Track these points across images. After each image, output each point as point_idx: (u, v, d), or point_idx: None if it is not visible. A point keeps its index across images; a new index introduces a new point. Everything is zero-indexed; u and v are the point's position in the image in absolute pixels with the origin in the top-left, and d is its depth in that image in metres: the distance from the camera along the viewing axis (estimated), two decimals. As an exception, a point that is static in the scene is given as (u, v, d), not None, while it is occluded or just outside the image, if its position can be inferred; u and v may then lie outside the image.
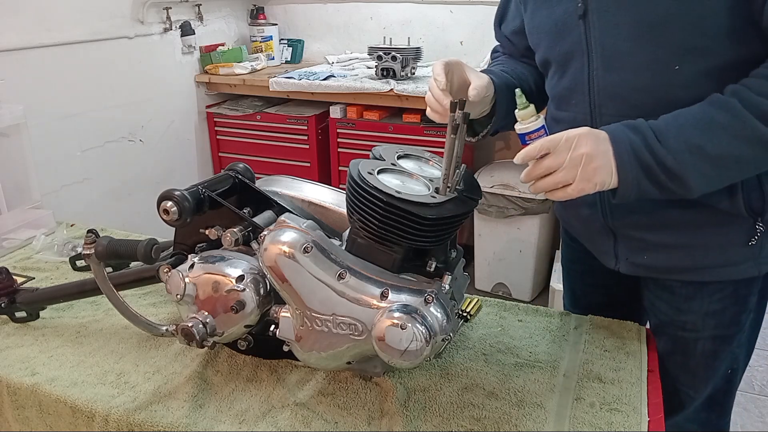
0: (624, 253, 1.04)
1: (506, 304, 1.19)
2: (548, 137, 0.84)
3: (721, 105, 0.81)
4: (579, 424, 0.87)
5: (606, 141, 0.83)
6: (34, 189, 1.74)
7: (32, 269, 1.39)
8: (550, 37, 0.98)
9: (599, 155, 0.82)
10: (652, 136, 0.82)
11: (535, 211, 2.52)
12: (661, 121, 0.84)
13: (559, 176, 0.83)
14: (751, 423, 1.99)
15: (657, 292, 1.06)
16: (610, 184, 0.83)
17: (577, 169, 0.82)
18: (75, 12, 2.28)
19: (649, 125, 0.83)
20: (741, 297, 1.00)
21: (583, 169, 0.81)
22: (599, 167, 0.82)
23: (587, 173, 0.82)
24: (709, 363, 1.05)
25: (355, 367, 0.94)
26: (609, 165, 0.82)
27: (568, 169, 0.82)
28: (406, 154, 0.97)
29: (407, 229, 0.81)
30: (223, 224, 0.97)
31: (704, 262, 0.97)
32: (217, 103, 3.06)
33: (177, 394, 0.95)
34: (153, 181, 2.72)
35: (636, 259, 1.03)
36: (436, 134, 2.56)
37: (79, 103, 2.34)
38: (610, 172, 0.82)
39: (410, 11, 2.99)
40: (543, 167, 0.83)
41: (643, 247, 1.00)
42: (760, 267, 0.97)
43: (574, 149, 0.82)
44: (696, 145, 0.81)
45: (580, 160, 0.81)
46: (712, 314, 1.01)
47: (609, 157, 0.82)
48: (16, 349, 1.09)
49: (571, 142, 0.82)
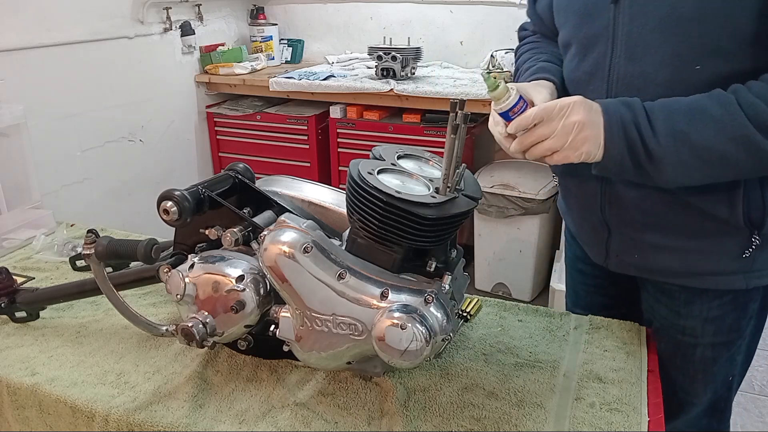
0: (615, 250, 1.04)
1: (506, 304, 1.19)
2: (542, 105, 0.84)
3: (718, 98, 0.81)
4: (579, 424, 0.87)
5: (598, 112, 0.83)
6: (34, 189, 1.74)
7: (32, 269, 1.39)
8: (577, 17, 0.97)
9: (590, 125, 0.82)
10: (643, 114, 0.82)
11: (535, 211, 2.52)
12: (656, 102, 0.84)
13: (549, 143, 0.83)
14: (751, 423, 1.99)
15: (656, 296, 1.06)
16: (595, 156, 0.84)
17: (568, 137, 0.82)
18: (75, 12, 2.28)
19: (643, 105, 0.83)
20: (741, 304, 0.99)
21: (574, 138, 0.82)
22: (588, 137, 0.82)
23: (576, 142, 0.82)
24: (708, 369, 1.05)
25: (355, 367, 0.94)
26: (598, 136, 0.83)
27: (558, 137, 0.83)
28: (406, 154, 0.97)
29: (407, 229, 0.81)
30: (223, 224, 0.97)
31: (695, 268, 0.96)
32: (217, 103, 3.06)
33: (177, 394, 0.95)
34: (153, 181, 2.72)
35: (627, 258, 1.02)
36: (436, 134, 2.56)
37: (79, 103, 2.34)
38: (598, 144, 0.83)
39: (410, 11, 2.99)
40: (536, 135, 0.84)
41: (635, 245, 1.00)
42: (748, 280, 0.95)
43: (567, 117, 0.82)
44: (681, 132, 0.81)
45: (572, 128, 0.82)
46: (711, 320, 1.00)
47: (599, 129, 0.83)
48: (16, 349, 1.09)
49: (564, 110, 0.83)
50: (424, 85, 2.52)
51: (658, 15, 0.85)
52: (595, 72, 0.94)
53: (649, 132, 0.81)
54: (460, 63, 2.95)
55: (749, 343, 1.06)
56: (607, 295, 1.20)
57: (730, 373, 1.06)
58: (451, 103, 0.82)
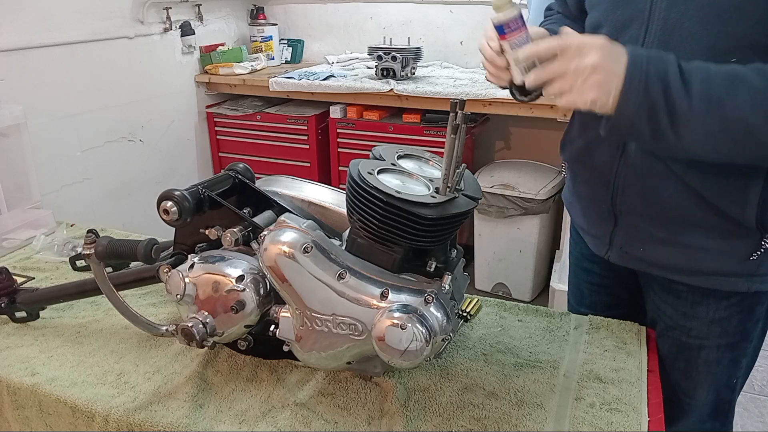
0: (620, 241, 1.02)
1: (506, 304, 1.19)
2: (563, 38, 0.79)
3: (760, 71, 0.76)
4: (579, 424, 0.87)
5: (621, 61, 0.76)
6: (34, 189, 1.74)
7: (32, 269, 1.39)
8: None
9: (604, 70, 0.76)
10: (676, 71, 0.76)
11: (535, 211, 2.52)
12: (693, 63, 0.78)
13: (558, 83, 0.78)
14: (751, 423, 1.99)
15: (662, 296, 1.05)
16: (605, 107, 0.77)
17: (577, 79, 0.76)
18: (75, 12, 2.28)
19: (678, 62, 0.77)
20: (747, 306, 0.99)
21: (583, 81, 0.76)
22: (599, 82, 0.76)
23: (585, 86, 0.76)
24: (711, 370, 1.04)
25: (355, 367, 0.94)
26: (609, 85, 0.76)
27: (569, 77, 0.77)
28: (406, 154, 0.97)
29: (407, 229, 0.81)
30: (223, 224, 0.97)
31: (699, 266, 0.95)
32: (217, 103, 3.06)
33: (177, 394, 0.95)
34: (153, 181, 2.72)
35: (631, 250, 1.01)
36: (436, 134, 2.56)
37: (79, 103, 2.34)
38: (609, 93, 0.76)
39: (410, 11, 2.99)
40: (548, 71, 0.79)
41: (642, 238, 0.99)
42: (751, 284, 0.95)
43: (582, 57, 0.76)
44: (717, 98, 0.75)
45: (584, 70, 0.76)
46: (717, 322, 1.00)
47: (615, 79, 0.76)
48: (16, 349, 1.09)
49: (581, 50, 0.76)
50: (424, 85, 2.52)
51: (699, 3, 0.82)
52: None
53: (681, 92, 0.75)
54: (460, 63, 2.94)
55: (756, 346, 1.05)
56: (612, 294, 1.19)
57: (734, 375, 1.06)
58: (451, 103, 0.82)
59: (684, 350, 1.05)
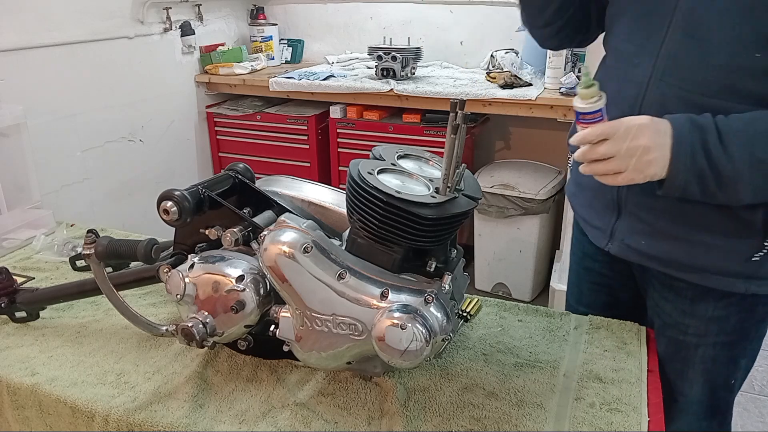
0: (621, 233, 1.02)
1: (506, 304, 1.19)
2: (608, 124, 0.83)
3: None
4: (579, 424, 0.87)
5: (666, 135, 0.82)
6: (34, 189, 1.74)
7: (32, 269, 1.39)
8: None
9: (656, 148, 0.81)
10: (715, 138, 0.81)
11: (535, 211, 2.52)
12: (731, 122, 0.82)
13: (613, 164, 0.83)
14: (751, 423, 1.99)
15: (663, 293, 1.05)
16: (660, 177, 0.83)
17: (632, 160, 0.82)
18: (75, 12, 2.28)
19: (716, 125, 0.82)
20: (747, 306, 0.98)
21: (638, 160, 0.82)
22: (654, 160, 0.82)
23: (641, 165, 0.82)
24: (708, 368, 1.04)
25: (355, 367, 0.94)
26: (664, 159, 0.82)
27: (623, 158, 0.82)
28: (406, 154, 0.97)
29: (407, 229, 0.81)
30: (223, 224, 0.97)
31: (700, 263, 0.95)
32: (217, 103, 3.06)
33: (177, 394, 0.95)
34: (153, 181, 2.72)
35: (632, 242, 1.01)
36: (436, 134, 2.56)
37: (79, 103, 2.34)
38: (664, 166, 0.82)
39: (410, 11, 2.99)
40: (599, 153, 0.84)
41: (645, 231, 0.98)
42: (749, 285, 0.94)
43: (633, 139, 0.82)
44: (759, 159, 0.80)
45: (637, 151, 0.81)
46: (715, 320, 1.00)
47: (665, 152, 0.82)
48: (16, 349, 1.09)
49: (630, 132, 0.82)
50: (424, 85, 2.52)
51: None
52: (646, 45, 0.91)
53: (723, 158, 0.80)
54: (460, 63, 2.94)
55: (755, 347, 1.05)
56: (611, 294, 1.19)
57: (731, 375, 1.05)
58: (451, 103, 0.82)
59: (681, 348, 1.05)
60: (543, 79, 2.42)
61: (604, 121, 0.85)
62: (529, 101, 2.31)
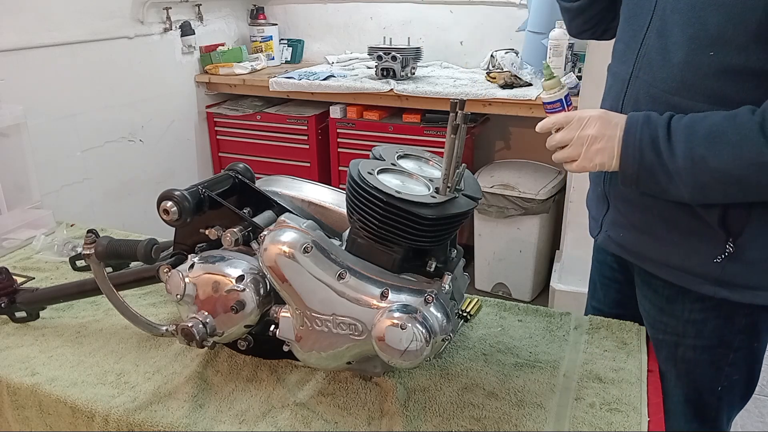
0: (607, 225, 1.06)
1: (506, 304, 1.19)
2: (564, 114, 0.93)
3: (739, 122, 0.81)
4: (579, 424, 0.87)
5: (617, 127, 0.88)
6: (34, 189, 1.74)
7: (32, 269, 1.39)
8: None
9: (603, 139, 0.88)
10: (664, 134, 0.85)
11: (535, 211, 2.52)
12: (683, 120, 0.85)
13: (567, 152, 0.91)
14: (751, 423, 1.99)
15: (643, 290, 1.07)
16: (612, 167, 0.89)
17: (582, 148, 0.89)
18: (75, 12, 2.28)
19: (667, 122, 0.85)
20: (725, 313, 0.97)
21: (587, 149, 0.89)
22: (601, 149, 0.88)
23: (590, 153, 0.89)
24: (690, 369, 1.03)
25: (355, 367, 0.94)
26: (611, 150, 0.88)
27: (575, 146, 0.90)
28: (406, 154, 0.97)
29: (407, 229, 0.81)
30: (223, 224, 0.97)
31: (667, 260, 0.97)
32: (217, 103, 3.06)
33: (177, 394, 0.95)
34: (153, 181, 2.72)
35: (613, 234, 1.05)
36: (436, 134, 2.56)
37: (79, 103, 2.34)
38: (612, 156, 0.88)
39: (410, 11, 2.99)
40: (555, 140, 0.92)
41: (624, 224, 1.02)
42: (717, 290, 0.94)
43: (583, 129, 0.89)
44: (700, 156, 0.82)
45: (586, 140, 0.89)
46: (692, 323, 1.00)
47: (613, 143, 0.88)
48: (16, 349, 1.09)
49: (582, 122, 0.89)
50: (424, 85, 2.52)
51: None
52: (630, 43, 0.97)
53: (668, 152, 0.84)
54: (460, 63, 2.95)
55: (749, 362, 1.02)
56: (621, 291, 1.19)
57: (716, 380, 1.03)
58: (451, 103, 0.82)
59: (662, 347, 1.05)
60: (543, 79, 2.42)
61: (566, 110, 0.95)
62: (529, 101, 2.31)
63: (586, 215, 1.18)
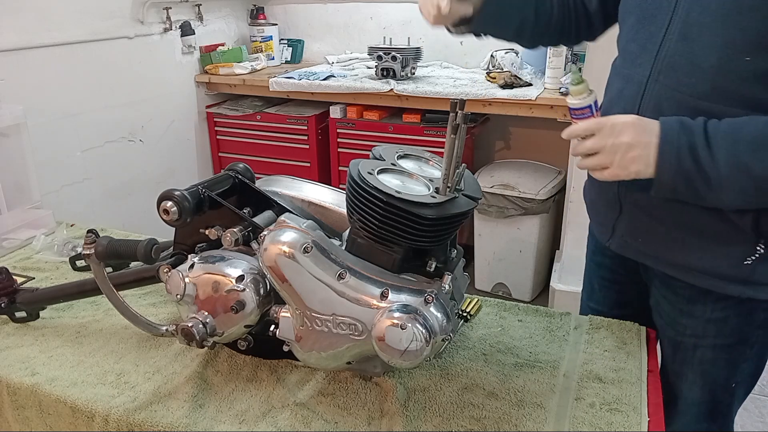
0: (621, 230, 1.04)
1: (506, 304, 1.19)
2: (596, 120, 0.87)
3: None
4: (579, 424, 0.87)
5: (653, 134, 0.84)
6: (34, 189, 1.74)
7: (32, 269, 1.39)
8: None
9: (639, 146, 0.84)
10: (702, 141, 0.82)
11: (535, 211, 2.52)
12: (720, 126, 0.82)
13: (599, 159, 0.87)
14: (751, 423, 1.99)
15: (663, 291, 1.05)
16: (648, 175, 0.85)
17: (616, 156, 0.85)
18: (75, 12, 2.28)
19: (704, 128, 0.83)
20: (746, 310, 0.98)
21: (622, 157, 0.84)
22: (637, 157, 0.84)
23: (625, 161, 0.84)
24: (707, 370, 1.04)
25: (355, 367, 0.94)
26: (647, 158, 0.84)
27: (607, 154, 0.85)
28: (406, 154, 0.97)
29: (407, 229, 0.81)
30: (223, 224, 0.97)
31: (695, 264, 0.96)
32: (217, 103, 3.06)
33: (177, 394, 0.95)
34: (153, 181, 2.72)
35: (631, 240, 1.02)
36: (436, 134, 2.56)
37: (79, 103, 2.34)
38: (648, 164, 0.84)
39: (410, 11, 2.98)
40: (586, 147, 0.88)
41: (642, 229, 1.00)
42: (744, 290, 0.94)
43: (617, 136, 0.84)
44: (744, 163, 0.80)
45: (620, 147, 0.84)
46: (714, 322, 1.00)
47: (650, 150, 0.84)
48: (16, 349, 1.09)
49: (615, 129, 0.85)
50: (424, 85, 2.52)
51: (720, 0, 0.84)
52: (647, 45, 0.93)
53: (709, 159, 0.81)
54: (460, 63, 2.94)
55: (760, 355, 1.04)
56: (621, 291, 1.19)
57: (731, 378, 1.04)
58: (451, 103, 0.82)
59: (679, 349, 1.05)
60: (543, 79, 2.42)
61: (595, 116, 0.89)
62: (529, 101, 2.31)
63: (586, 215, 1.17)
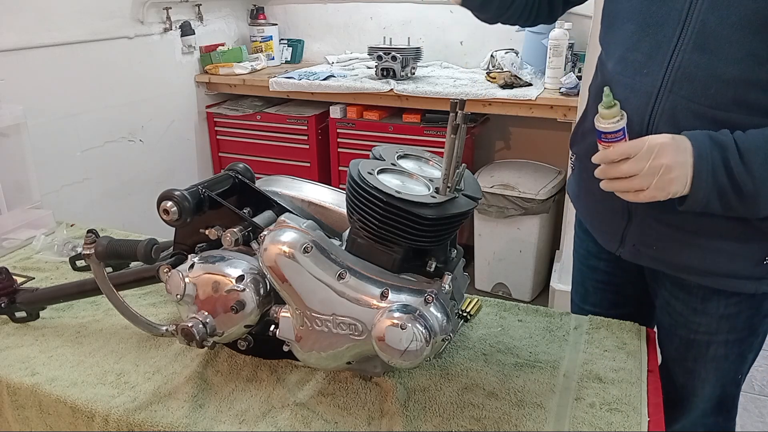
0: (633, 238, 1.02)
1: (506, 304, 1.19)
2: (631, 143, 0.84)
3: None
4: (579, 424, 0.87)
5: (687, 153, 0.82)
6: (34, 189, 1.74)
7: (32, 269, 1.39)
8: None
9: (678, 167, 0.82)
10: (735, 156, 0.81)
11: (535, 211, 2.52)
12: (751, 139, 0.82)
13: (635, 182, 0.84)
14: (751, 423, 1.99)
15: (674, 291, 1.05)
16: (683, 193, 0.84)
17: (654, 178, 0.82)
18: (75, 12, 2.28)
19: (736, 142, 0.82)
20: (756, 302, 0.99)
21: (660, 179, 0.82)
22: (675, 178, 0.82)
23: (663, 183, 0.82)
24: (719, 366, 1.04)
25: (355, 367, 0.94)
26: (685, 177, 0.83)
27: (645, 177, 0.83)
28: (406, 154, 0.97)
29: (407, 229, 0.81)
30: (223, 224, 0.97)
31: (711, 267, 0.96)
32: (217, 103, 3.06)
33: (177, 394, 0.95)
34: (153, 181, 2.72)
35: (643, 248, 1.01)
36: (436, 134, 2.56)
37: (79, 103, 2.34)
38: (685, 184, 0.83)
39: (410, 11, 2.99)
40: (621, 171, 0.84)
41: (656, 236, 0.98)
42: (759, 286, 0.95)
43: (655, 158, 0.82)
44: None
45: (659, 169, 0.82)
46: (727, 317, 1.00)
47: (687, 170, 0.82)
48: (16, 349, 1.09)
49: (653, 151, 0.82)
50: (424, 85, 2.52)
51: (741, 10, 0.81)
52: (655, 55, 0.90)
53: (744, 175, 0.81)
54: (460, 63, 2.95)
55: (761, 341, 1.06)
56: (618, 292, 1.19)
57: (740, 370, 1.06)
58: (451, 103, 0.82)
59: (692, 347, 1.05)
60: (543, 79, 2.42)
61: (626, 140, 0.85)
62: (529, 101, 2.31)
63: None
